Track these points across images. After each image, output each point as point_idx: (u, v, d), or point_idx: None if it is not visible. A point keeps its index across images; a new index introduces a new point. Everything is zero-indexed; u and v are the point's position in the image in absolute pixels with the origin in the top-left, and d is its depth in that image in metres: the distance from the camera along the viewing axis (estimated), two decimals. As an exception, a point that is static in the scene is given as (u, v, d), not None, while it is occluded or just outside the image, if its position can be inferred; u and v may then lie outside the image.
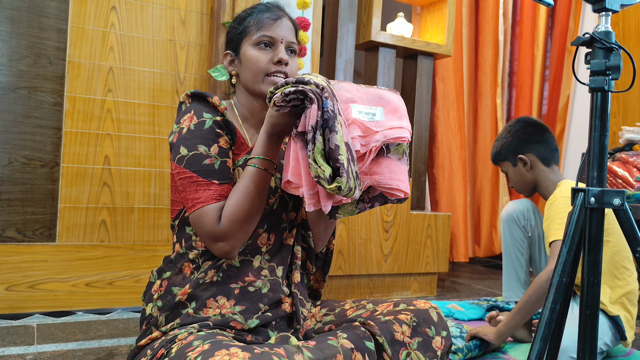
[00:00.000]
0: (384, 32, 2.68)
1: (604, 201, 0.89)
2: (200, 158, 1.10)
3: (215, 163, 1.10)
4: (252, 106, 1.25)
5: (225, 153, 1.13)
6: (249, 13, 1.25)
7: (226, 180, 1.10)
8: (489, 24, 3.55)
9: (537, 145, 1.95)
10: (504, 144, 2.01)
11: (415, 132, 2.89)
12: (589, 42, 0.89)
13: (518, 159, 1.97)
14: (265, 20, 1.21)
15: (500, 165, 2.07)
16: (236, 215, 1.06)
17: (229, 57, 1.28)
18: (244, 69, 1.22)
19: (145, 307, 1.18)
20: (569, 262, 0.89)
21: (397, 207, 2.64)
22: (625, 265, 1.77)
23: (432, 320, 1.13)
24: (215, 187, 1.09)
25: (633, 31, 3.53)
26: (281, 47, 1.20)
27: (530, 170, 1.96)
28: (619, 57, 0.86)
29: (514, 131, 2.00)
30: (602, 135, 0.89)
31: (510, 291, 2.09)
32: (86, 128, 2.05)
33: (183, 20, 2.21)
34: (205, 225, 1.07)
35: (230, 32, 1.28)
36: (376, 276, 2.62)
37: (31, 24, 1.95)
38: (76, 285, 2.02)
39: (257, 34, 1.20)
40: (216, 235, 1.06)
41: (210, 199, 1.08)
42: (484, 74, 3.58)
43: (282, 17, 1.23)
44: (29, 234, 1.98)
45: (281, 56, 1.19)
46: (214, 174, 1.09)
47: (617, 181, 2.66)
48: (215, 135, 1.12)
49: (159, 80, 2.17)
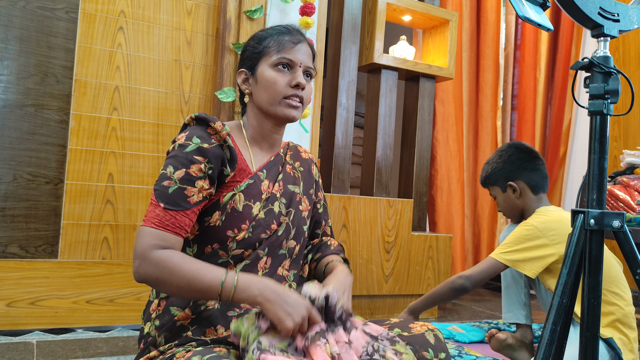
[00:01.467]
0: (387, 54, 2.71)
1: (603, 223, 0.89)
2: (163, 178, 1.09)
3: (171, 187, 1.08)
4: (262, 127, 1.25)
5: (191, 181, 1.09)
6: (270, 34, 1.25)
7: (174, 207, 1.07)
8: (489, 48, 3.59)
9: (528, 173, 1.94)
10: (495, 168, 2.00)
11: (417, 154, 2.91)
12: (588, 66, 0.91)
13: (508, 185, 1.96)
14: (286, 43, 1.21)
15: (489, 189, 2.06)
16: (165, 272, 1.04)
17: (244, 75, 1.26)
18: (260, 89, 1.22)
19: (144, 325, 1.18)
20: (569, 284, 0.90)
21: (398, 228, 2.65)
22: (613, 290, 1.76)
23: (429, 343, 1.12)
24: (159, 210, 1.06)
25: (633, 55, 3.57)
26: (299, 71, 1.21)
27: (520, 197, 1.95)
28: (617, 81, 0.88)
29: (506, 157, 1.98)
30: (601, 158, 0.90)
31: (510, 313, 2.08)
32: (91, 146, 2.07)
33: (189, 41, 2.24)
34: (138, 245, 1.06)
35: (247, 50, 1.27)
36: (377, 297, 2.61)
37: (40, 43, 1.99)
38: (77, 302, 2.02)
39: (276, 55, 1.20)
40: (139, 260, 1.05)
41: (150, 221, 1.06)
42: (485, 97, 3.61)
43: (302, 42, 1.24)
44: (31, 250, 1.98)
45: (299, 80, 1.19)
46: (163, 197, 1.07)
47: (618, 204, 2.67)
48: (189, 161, 1.09)
49: (163, 99, 2.20)
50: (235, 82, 1.46)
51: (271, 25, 2.26)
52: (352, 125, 2.66)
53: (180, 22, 2.22)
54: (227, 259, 1.15)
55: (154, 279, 1.05)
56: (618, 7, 0.90)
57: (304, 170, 1.36)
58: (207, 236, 1.16)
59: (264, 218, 1.18)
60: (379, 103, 2.76)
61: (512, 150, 2.00)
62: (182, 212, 1.08)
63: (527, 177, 1.94)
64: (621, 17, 0.90)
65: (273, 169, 1.26)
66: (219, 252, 1.15)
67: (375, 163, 2.74)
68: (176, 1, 2.21)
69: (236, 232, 1.15)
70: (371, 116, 2.82)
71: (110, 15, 2.09)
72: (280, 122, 1.25)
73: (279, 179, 1.26)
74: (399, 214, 2.66)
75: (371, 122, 2.81)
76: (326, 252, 1.37)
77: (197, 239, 1.17)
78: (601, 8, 0.88)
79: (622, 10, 0.90)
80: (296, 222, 1.26)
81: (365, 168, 2.83)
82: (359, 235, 2.54)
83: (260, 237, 1.17)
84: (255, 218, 1.16)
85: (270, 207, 1.20)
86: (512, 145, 2.02)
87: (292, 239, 1.25)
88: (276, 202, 1.22)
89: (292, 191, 1.27)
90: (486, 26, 3.59)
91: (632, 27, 0.91)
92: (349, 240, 2.50)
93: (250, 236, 1.16)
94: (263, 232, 1.17)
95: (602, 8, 0.88)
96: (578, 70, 0.91)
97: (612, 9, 0.89)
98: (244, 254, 1.16)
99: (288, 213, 1.24)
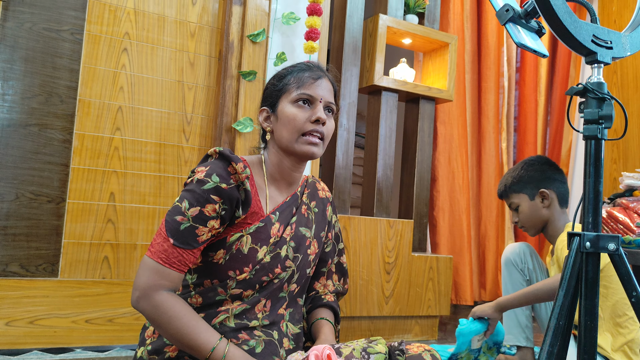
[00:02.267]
0: (387, 76, 2.74)
1: (599, 246, 0.90)
2: (176, 212, 1.09)
3: (183, 224, 1.08)
4: (282, 165, 1.23)
5: (204, 221, 1.09)
6: (290, 71, 1.24)
7: (183, 245, 1.08)
8: (490, 70, 3.63)
9: (559, 184, 1.95)
10: (524, 175, 1.98)
11: (417, 175, 2.93)
12: (582, 92, 0.93)
13: (539, 192, 1.94)
14: (306, 79, 1.20)
15: (512, 198, 2.02)
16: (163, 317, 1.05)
17: (265, 114, 1.26)
18: (280, 126, 1.21)
19: (137, 349, 1.18)
20: (565, 306, 0.90)
21: (398, 249, 2.65)
22: (627, 313, 1.76)
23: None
24: (167, 245, 1.07)
25: (631, 79, 3.61)
26: (320, 106, 1.20)
27: (548, 207, 1.94)
28: (611, 107, 0.90)
29: (538, 165, 1.98)
30: (596, 182, 0.91)
31: (511, 335, 2.07)
32: (93, 165, 2.08)
33: (192, 62, 2.28)
34: (140, 275, 1.07)
35: (268, 89, 1.27)
36: (377, 318, 2.61)
37: (45, 64, 2.02)
38: (76, 321, 2.02)
39: (296, 92, 1.19)
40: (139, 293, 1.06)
41: (157, 255, 1.07)
42: (487, 119, 3.64)
43: (322, 77, 1.23)
44: (31, 269, 1.99)
45: (319, 115, 1.18)
46: (174, 233, 1.08)
47: (618, 226, 2.67)
48: (205, 200, 1.09)
49: (166, 119, 2.22)
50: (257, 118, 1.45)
51: (274, 47, 2.30)
52: (352, 146, 2.68)
53: (184, 44, 2.26)
54: (225, 296, 1.15)
55: (150, 318, 1.07)
56: (611, 35, 0.92)
57: (319, 212, 1.34)
58: (208, 270, 1.16)
59: (269, 262, 1.17)
60: (379, 124, 2.78)
61: (544, 160, 2.02)
62: (190, 251, 1.09)
63: (557, 188, 1.94)
64: (614, 44, 0.92)
65: (287, 211, 1.24)
66: (218, 289, 1.14)
67: (376, 184, 2.75)
68: (180, 23, 2.25)
69: (238, 273, 1.14)
70: (372, 137, 2.84)
71: (114, 37, 2.13)
72: (300, 159, 1.23)
73: (292, 222, 1.24)
74: (400, 234, 2.67)
75: (372, 143, 2.83)
76: (317, 303, 1.35)
77: (199, 270, 1.17)
78: (594, 36, 0.90)
79: (614, 38, 0.92)
80: (301, 266, 1.25)
81: (365, 189, 2.85)
82: (360, 255, 2.55)
83: (261, 279, 1.16)
84: (259, 262, 1.16)
85: (277, 252, 1.19)
86: (541, 157, 2.04)
87: (294, 283, 1.24)
88: (284, 245, 1.20)
89: (303, 234, 1.26)
90: (487, 49, 3.63)
91: (625, 54, 0.93)
92: (349, 260, 2.50)
93: (252, 278, 1.15)
94: (265, 275, 1.17)
95: (595, 36, 0.90)
96: (573, 95, 0.93)
97: (605, 36, 0.91)
98: (243, 294, 1.15)
99: (295, 258, 1.22)
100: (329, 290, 1.38)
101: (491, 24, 3.63)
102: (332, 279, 1.40)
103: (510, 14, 0.93)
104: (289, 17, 2.30)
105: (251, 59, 2.24)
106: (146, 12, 2.19)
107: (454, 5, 3.43)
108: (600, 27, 0.92)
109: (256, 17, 2.27)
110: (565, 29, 0.88)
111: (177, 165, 2.23)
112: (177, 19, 2.25)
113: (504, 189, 2.05)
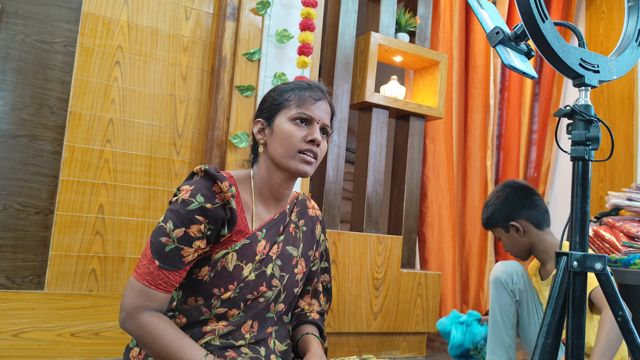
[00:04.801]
0: (378, 93, 2.77)
1: (586, 265, 0.92)
2: (161, 233, 1.09)
3: (169, 246, 1.08)
4: (271, 180, 1.23)
5: (189, 242, 1.09)
6: (291, 88, 1.25)
7: (169, 267, 1.08)
8: (478, 89, 3.68)
9: (528, 210, 1.94)
10: (494, 210, 1.98)
11: (407, 191, 2.94)
12: (570, 114, 0.94)
13: (510, 225, 1.96)
14: (307, 99, 1.21)
15: (493, 232, 2.05)
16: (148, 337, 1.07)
17: (260, 125, 1.25)
18: (275, 140, 1.21)
19: None
20: (553, 324, 0.91)
21: (387, 265, 2.65)
22: None
23: None
24: (153, 268, 1.07)
25: (617, 100, 3.67)
26: (317, 127, 1.20)
27: (524, 235, 1.95)
28: (598, 129, 0.92)
29: (503, 197, 1.98)
30: (584, 202, 0.93)
31: (494, 355, 2.07)
32: (83, 177, 2.08)
33: (184, 76, 2.28)
34: (127, 297, 1.08)
35: (266, 101, 1.27)
36: (365, 334, 2.60)
37: (37, 76, 2.02)
38: (61, 334, 1.99)
39: (296, 110, 1.20)
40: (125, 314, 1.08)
41: (143, 277, 1.07)
42: (473, 137, 3.69)
43: (323, 99, 1.24)
44: (17, 280, 1.97)
45: (315, 136, 1.19)
46: (159, 255, 1.08)
47: (604, 245, 2.70)
48: (190, 221, 1.09)
49: (157, 132, 2.22)
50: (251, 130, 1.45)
51: (267, 62, 2.32)
52: (343, 161, 2.70)
53: (177, 58, 2.27)
54: (209, 316, 1.14)
55: (136, 338, 1.08)
56: (598, 59, 0.94)
57: (307, 230, 1.34)
58: (193, 288, 1.15)
59: (254, 280, 1.16)
60: (369, 140, 2.80)
61: (508, 190, 1.99)
62: (176, 272, 1.09)
63: (527, 215, 1.93)
64: (601, 68, 0.94)
65: (273, 229, 1.23)
66: (202, 308, 1.14)
67: (366, 199, 2.76)
68: (173, 37, 2.26)
69: (222, 291, 1.14)
70: (362, 153, 2.86)
71: (107, 50, 2.13)
72: (291, 176, 1.23)
73: (279, 240, 1.24)
74: (389, 250, 2.67)
75: (362, 159, 2.85)
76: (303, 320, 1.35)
77: (183, 287, 1.17)
78: (582, 59, 0.92)
79: (601, 62, 0.94)
80: (288, 285, 1.24)
81: (355, 204, 2.85)
82: (348, 271, 2.55)
83: (246, 297, 1.16)
84: (244, 280, 1.15)
85: (262, 269, 1.18)
86: (507, 185, 2.02)
87: (281, 302, 1.24)
88: (270, 264, 1.20)
89: (290, 253, 1.26)
90: (475, 68, 3.68)
91: (612, 78, 0.95)
92: (338, 276, 2.50)
93: (236, 296, 1.14)
94: (250, 293, 1.16)
95: (582, 59, 0.92)
96: (561, 117, 0.95)
97: (592, 60, 0.93)
98: (228, 314, 1.15)
99: (281, 277, 1.22)
100: (314, 309, 1.38)
101: (479, 44, 3.69)
102: (319, 299, 1.40)
103: (500, 37, 0.95)
104: (282, 34, 2.33)
105: (244, 73, 2.26)
106: (139, 26, 2.20)
107: (444, 25, 3.48)
108: (588, 51, 0.94)
109: (249, 33, 2.28)
110: (554, 52, 0.89)
111: (167, 179, 2.23)
112: (171, 33, 2.26)
113: (484, 224, 2.07)
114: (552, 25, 0.90)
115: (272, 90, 1.30)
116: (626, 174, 3.55)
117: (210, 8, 2.36)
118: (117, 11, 2.16)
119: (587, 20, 3.99)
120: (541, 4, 0.90)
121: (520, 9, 0.90)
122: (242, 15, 2.27)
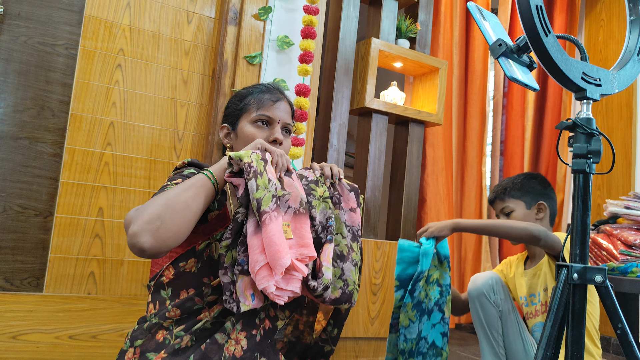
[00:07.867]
0: (378, 99, 2.78)
1: (586, 277, 0.92)
2: (163, 188, 1.12)
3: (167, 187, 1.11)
4: None
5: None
6: (250, 92, 1.30)
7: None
8: (476, 96, 3.69)
9: (553, 203, 2.03)
10: (526, 184, 2.01)
11: (405, 196, 2.95)
12: (571, 126, 0.95)
13: (537, 204, 1.99)
14: (266, 101, 1.26)
15: (508, 202, 2.02)
16: (160, 200, 1.01)
17: (225, 130, 1.32)
18: (239, 143, 1.26)
19: None
20: (553, 336, 0.92)
21: (385, 270, 2.66)
22: None
23: None
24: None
25: (616, 107, 3.68)
26: (277, 127, 1.26)
27: (541, 220, 2.00)
28: (599, 142, 0.93)
29: (539, 179, 2.04)
30: (584, 215, 0.94)
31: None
32: (83, 180, 2.08)
33: (185, 80, 2.29)
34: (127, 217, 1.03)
35: (229, 107, 1.33)
36: (362, 339, 2.60)
37: (38, 78, 2.02)
38: (59, 337, 1.99)
39: (256, 113, 1.25)
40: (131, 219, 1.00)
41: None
42: (471, 143, 3.70)
43: (281, 100, 1.29)
44: (16, 282, 1.97)
45: (277, 136, 1.24)
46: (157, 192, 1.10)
47: (602, 253, 2.70)
48: (186, 176, 1.14)
49: (157, 136, 2.22)
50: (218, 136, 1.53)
51: (267, 67, 2.32)
52: (342, 166, 2.70)
53: (178, 62, 2.27)
54: (202, 305, 1.15)
55: (155, 217, 0.99)
56: (600, 73, 0.95)
57: None
58: (182, 281, 1.16)
59: None
60: (369, 146, 2.81)
61: (543, 178, 2.08)
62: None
63: (552, 206, 2.02)
64: (603, 82, 0.95)
65: None
66: (195, 298, 1.15)
67: (364, 204, 2.77)
68: (175, 41, 2.26)
69: (212, 279, 1.15)
70: (361, 158, 2.86)
71: (109, 53, 2.13)
72: None
73: None
74: (387, 256, 2.68)
75: (361, 164, 2.86)
76: None
77: (172, 283, 1.17)
78: (584, 73, 0.93)
79: (603, 76, 0.95)
80: None
81: (353, 209, 2.85)
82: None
83: None
84: None
85: None
86: (541, 175, 2.09)
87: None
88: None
89: None
90: (473, 75, 3.70)
91: (613, 91, 0.96)
92: (336, 281, 2.50)
93: None
94: None
95: (584, 73, 0.93)
96: (562, 130, 0.96)
97: (594, 74, 0.94)
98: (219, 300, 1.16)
99: None
100: None
101: (478, 50, 3.70)
102: None
103: (503, 49, 0.95)
104: (283, 40, 2.33)
105: (245, 78, 2.26)
106: (141, 30, 2.20)
107: (444, 32, 3.50)
108: (590, 65, 0.95)
109: (250, 38, 2.29)
110: (557, 66, 0.90)
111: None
112: (172, 37, 2.26)
113: (502, 192, 2.04)
114: (555, 39, 0.90)
115: (233, 96, 1.36)
116: (624, 182, 3.56)
117: (212, 12, 2.36)
118: (120, 14, 2.16)
119: (586, 29, 4.01)
120: (544, 18, 0.90)
121: (524, 23, 0.91)
122: (243, 20, 2.28)
